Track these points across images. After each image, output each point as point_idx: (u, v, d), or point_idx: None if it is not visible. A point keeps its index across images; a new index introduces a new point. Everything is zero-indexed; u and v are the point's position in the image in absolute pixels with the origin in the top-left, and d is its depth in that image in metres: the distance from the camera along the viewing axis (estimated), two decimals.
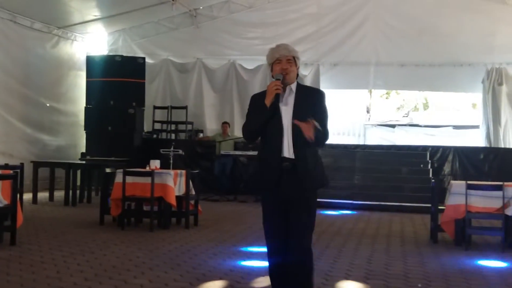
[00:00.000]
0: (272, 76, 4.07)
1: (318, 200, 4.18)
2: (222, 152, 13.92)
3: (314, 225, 4.02)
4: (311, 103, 4.01)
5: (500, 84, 14.64)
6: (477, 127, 15.60)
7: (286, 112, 3.98)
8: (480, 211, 7.68)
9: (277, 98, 3.95)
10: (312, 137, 3.80)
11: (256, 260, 6.49)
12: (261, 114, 3.97)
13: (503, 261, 6.88)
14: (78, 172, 12.24)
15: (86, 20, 15.13)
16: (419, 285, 5.58)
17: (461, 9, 14.72)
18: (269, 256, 4.09)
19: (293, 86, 4.07)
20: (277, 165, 3.95)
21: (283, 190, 3.95)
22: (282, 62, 4.02)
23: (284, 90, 4.02)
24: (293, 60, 4.05)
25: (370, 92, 15.67)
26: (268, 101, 3.93)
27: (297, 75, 4.11)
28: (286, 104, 4.01)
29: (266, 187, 4.05)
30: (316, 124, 3.80)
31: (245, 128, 4.11)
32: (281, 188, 3.95)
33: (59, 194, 12.20)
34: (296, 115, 3.93)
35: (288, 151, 3.96)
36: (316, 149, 4.08)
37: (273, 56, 4.07)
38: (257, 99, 4.06)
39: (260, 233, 7.95)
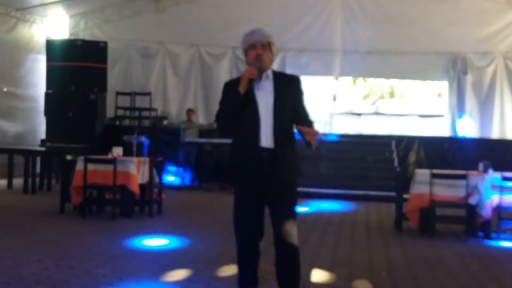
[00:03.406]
0: (247, 63, 3.95)
1: None
2: (187, 139, 13.75)
3: (296, 217, 3.95)
4: (291, 91, 3.94)
5: (465, 73, 14.82)
6: (442, 116, 15.79)
7: (264, 99, 3.88)
8: (444, 200, 7.74)
9: (251, 85, 3.85)
10: (314, 146, 3.72)
11: (219, 248, 6.40)
12: (234, 102, 3.84)
13: (466, 250, 6.94)
14: (38, 159, 11.95)
15: (46, 2, 14.70)
16: (383, 274, 5.58)
17: None
18: (240, 246, 4.00)
19: (269, 73, 3.96)
20: (254, 155, 3.83)
21: (261, 182, 3.84)
22: (257, 48, 3.90)
23: (260, 76, 3.91)
24: (268, 45, 3.93)
25: (337, 79, 15.66)
26: (242, 88, 3.82)
27: (272, 61, 3.99)
28: (262, 91, 3.90)
29: (242, 178, 3.91)
30: (322, 136, 3.77)
31: (218, 117, 3.97)
32: (259, 179, 3.84)
33: (18, 182, 11.90)
34: (278, 104, 3.85)
35: (265, 140, 3.84)
36: (295, 139, 3.98)
37: (248, 42, 3.95)
38: (231, 86, 3.94)
39: (225, 220, 7.85)
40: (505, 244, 7.35)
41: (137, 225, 8.01)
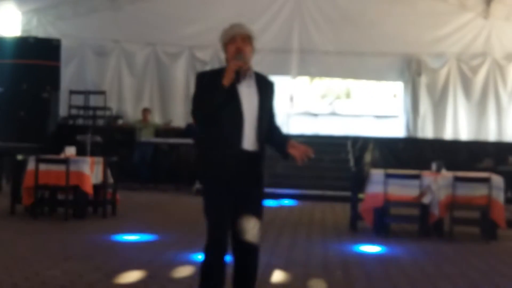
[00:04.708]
0: (226, 60, 3.73)
1: None
2: (143, 139, 13.62)
3: (261, 218, 3.81)
4: (270, 94, 3.80)
5: (420, 74, 15.12)
6: (397, 116, 16.08)
7: (248, 98, 3.67)
8: (398, 200, 7.83)
9: (237, 79, 3.62)
10: (300, 161, 3.64)
11: (175, 250, 6.34)
12: (218, 96, 3.58)
13: (420, 249, 7.05)
14: None
15: None
16: (338, 273, 5.61)
17: None
18: (213, 245, 3.70)
19: (251, 71, 3.74)
20: (236, 157, 3.62)
21: (238, 184, 3.65)
22: (237, 41, 3.69)
23: (245, 74, 3.69)
24: (248, 39, 3.73)
25: (294, 78, 15.76)
26: (227, 81, 3.57)
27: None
28: (246, 89, 3.68)
29: (219, 180, 3.67)
30: (311, 154, 3.67)
31: (197, 111, 3.70)
32: (236, 182, 3.64)
33: None
34: (262, 105, 3.68)
35: (248, 142, 3.65)
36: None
37: (227, 35, 3.74)
38: (207, 78, 3.70)
39: (181, 223, 7.77)
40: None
41: (90, 226, 7.88)
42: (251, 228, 3.70)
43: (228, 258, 3.76)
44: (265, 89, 3.77)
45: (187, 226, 7.82)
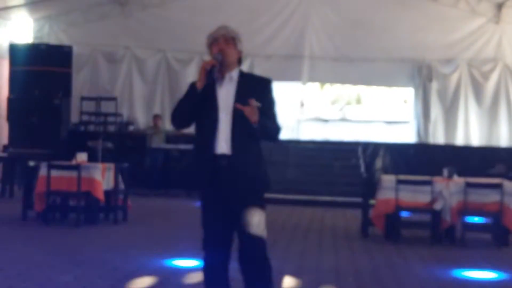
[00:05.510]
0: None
1: None
2: (154, 145, 13.66)
3: (264, 214, 3.59)
4: (257, 93, 3.58)
5: (430, 80, 15.09)
6: (408, 122, 16.04)
7: (225, 101, 3.56)
8: (409, 206, 7.80)
9: (212, 81, 3.54)
10: (257, 121, 3.43)
11: (186, 257, 6.34)
12: (191, 98, 3.56)
13: (431, 255, 7.01)
14: (0, 165, 11.69)
15: (9, 5, 14.45)
16: (350, 279, 5.60)
17: (394, 4, 15.04)
18: (205, 266, 3.66)
19: (234, 74, 3.63)
20: (209, 162, 3.55)
21: (221, 191, 3.55)
22: (220, 42, 3.60)
23: (223, 76, 3.61)
24: (232, 40, 3.64)
25: (304, 84, 15.78)
26: (200, 83, 3.51)
27: (240, 60, 3.68)
28: (224, 92, 3.58)
29: (199, 186, 3.66)
30: (257, 103, 3.43)
31: (173, 113, 3.70)
32: (219, 188, 3.55)
33: None
34: (238, 110, 3.50)
35: (223, 146, 3.53)
36: (260, 146, 3.66)
37: (211, 37, 3.66)
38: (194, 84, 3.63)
39: (191, 228, 7.79)
40: None
41: (102, 232, 7.90)
42: (256, 222, 3.54)
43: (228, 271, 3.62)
44: (249, 89, 3.59)
45: (198, 232, 7.82)
